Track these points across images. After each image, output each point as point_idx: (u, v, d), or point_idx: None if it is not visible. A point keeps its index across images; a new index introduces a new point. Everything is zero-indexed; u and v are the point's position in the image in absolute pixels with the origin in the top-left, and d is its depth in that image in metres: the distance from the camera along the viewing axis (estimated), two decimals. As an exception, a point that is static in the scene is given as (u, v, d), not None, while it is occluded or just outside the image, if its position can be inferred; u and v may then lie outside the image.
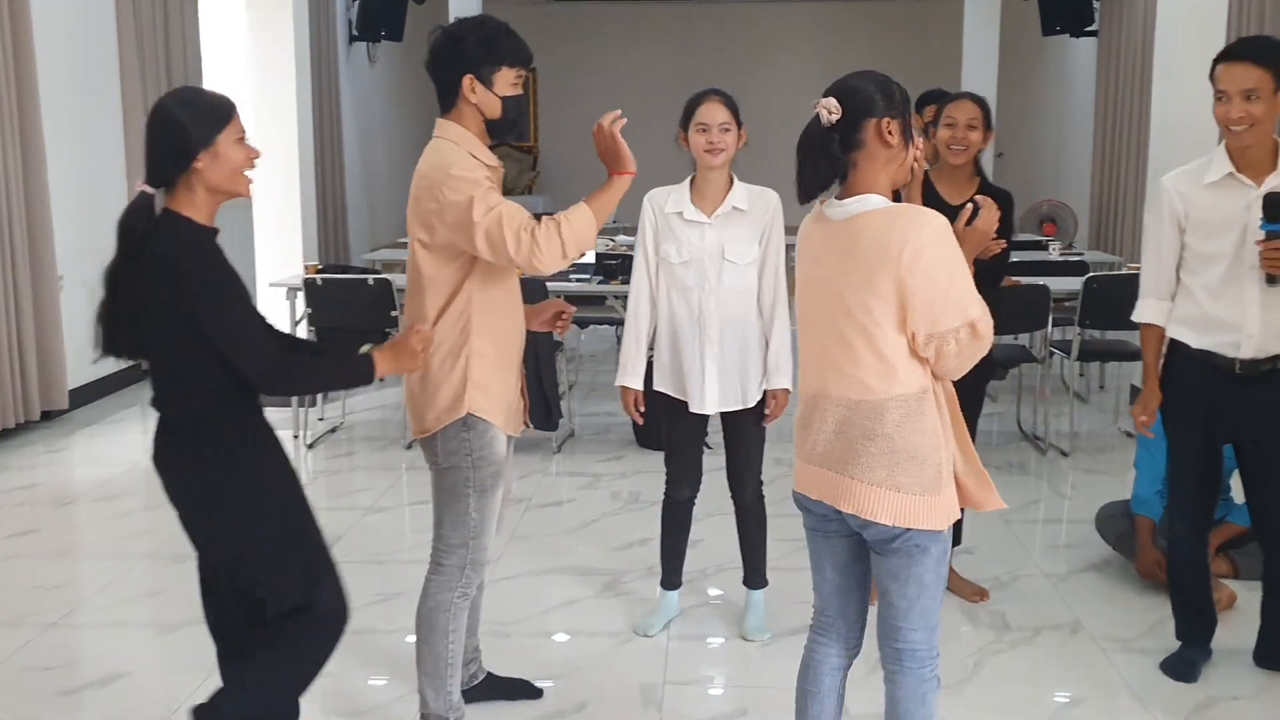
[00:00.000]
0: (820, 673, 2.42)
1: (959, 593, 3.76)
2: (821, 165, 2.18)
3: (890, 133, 2.17)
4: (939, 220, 2.13)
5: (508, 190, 16.81)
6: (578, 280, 5.91)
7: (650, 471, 5.19)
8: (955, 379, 2.24)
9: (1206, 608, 3.29)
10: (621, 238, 7.24)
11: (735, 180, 3.33)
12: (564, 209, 2.56)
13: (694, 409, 3.34)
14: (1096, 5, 11.06)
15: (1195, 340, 3.06)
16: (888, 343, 2.15)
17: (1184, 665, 3.25)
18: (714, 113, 3.24)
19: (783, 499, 4.85)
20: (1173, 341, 3.12)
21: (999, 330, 6.08)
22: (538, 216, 2.55)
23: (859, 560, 2.35)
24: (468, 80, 2.56)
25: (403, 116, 13.17)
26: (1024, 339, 6.39)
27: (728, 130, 3.23)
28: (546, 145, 16.26)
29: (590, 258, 6.09)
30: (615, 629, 3.57)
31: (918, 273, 2.10)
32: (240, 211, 5.88)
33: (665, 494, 3.54)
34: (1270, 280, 2.92)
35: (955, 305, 2.13)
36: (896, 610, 2.27)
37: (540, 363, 5.40)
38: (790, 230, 3.21)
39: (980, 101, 3.55)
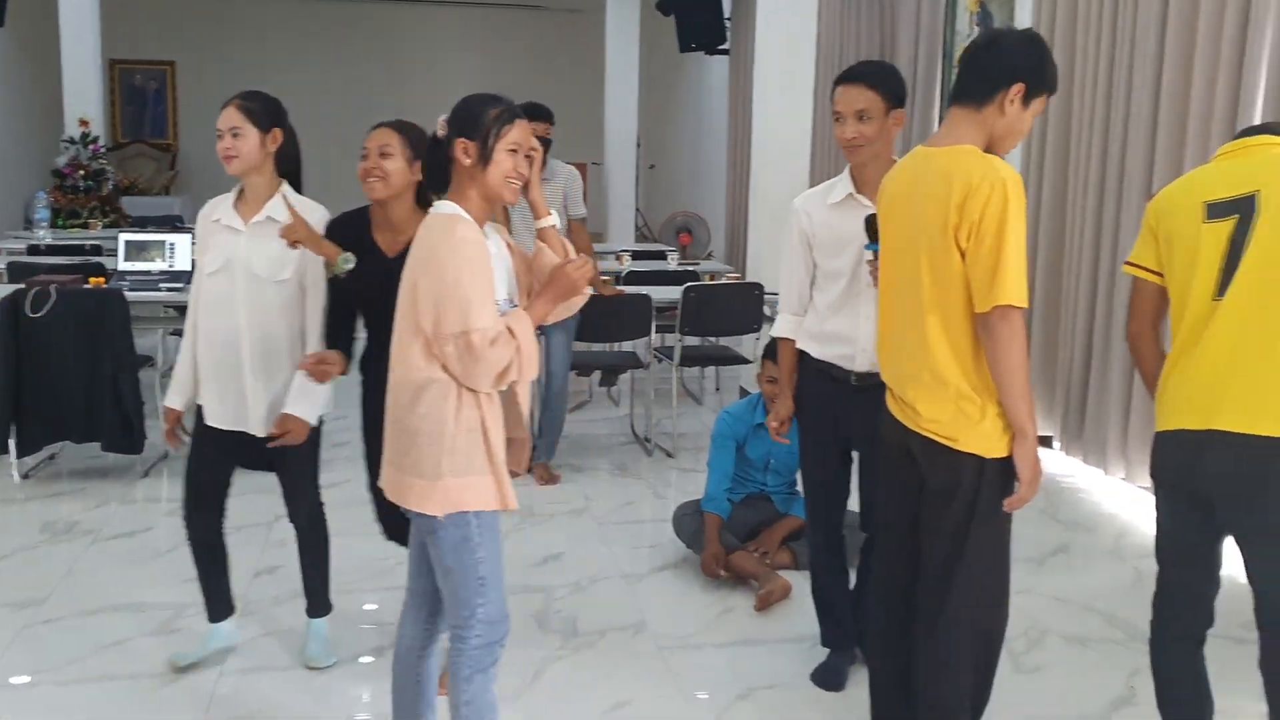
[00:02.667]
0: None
1: None
2: (430, 171, 2.47)
3: (466, 153, 2.33)
4: (463, 229, 2.28)
5: (141, 191, 15.56)
6: (168, 289, 5.53)
7: (249, 493, 4.90)
8: (479, 387, 2.30)
9: (846, 612, 3.32)
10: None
11: (284, 189, 3.13)
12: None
13: (243, 428, 3.15)
14: (729, 24, 11.63)
15: (817, 352, 3.13)
16: (412, 332, 2.31)
17: (831, 674, 3.31)
18: (223, 118, 3.06)
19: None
20: (801, 353, 3.19)
21: (604, 337, 6.05)
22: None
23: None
24: None
25: (13, 104, 12.00)
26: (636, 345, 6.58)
27: (237, 135, 3.03)
28: (187, 143, 15.33)
29: (186, 264, 5.71)
30: (160, 670, 3.32)
31: (429, 271, 2.27)
32: None
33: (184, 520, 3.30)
34: None
35: (457, 312, 2.23)
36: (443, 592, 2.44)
37: (120, 381, 5.02)
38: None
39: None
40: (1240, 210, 2.37)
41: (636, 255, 7.87)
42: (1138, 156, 5.08)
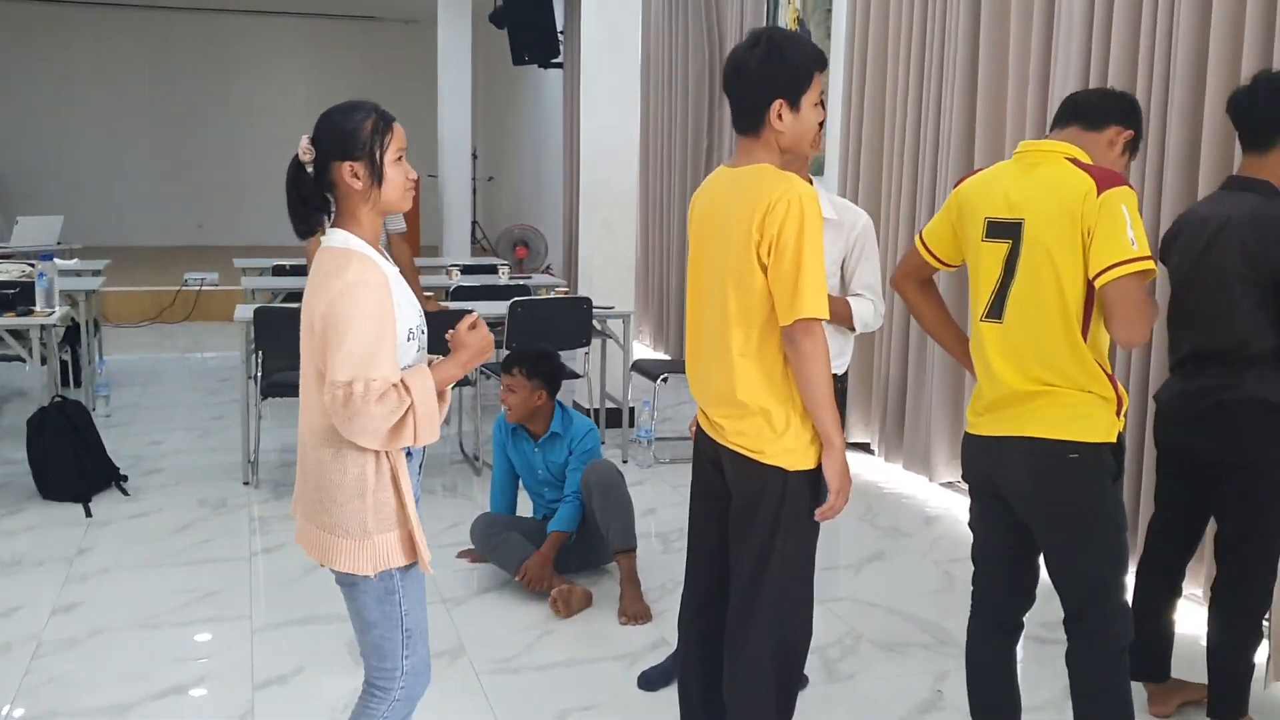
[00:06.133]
0: None
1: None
2: (296, 202, 2.21)
3: (356, 176, 2.18)
4: (357, 269, 2.13)
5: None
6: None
7: (47, 525, 4.67)
8: (363, 444, 2.14)
9: None
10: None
11: None
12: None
13: None
14: (562, 37, 11.63)
15: None
16: (317, 384, 2.16)
17: (655, 674, 3.40)
18: None
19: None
20: None
21: (429, 353, 5.76)
22: None
23: None
24: None
25: None
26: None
27: None
28: (-1, 161, 14.57)
29: (-15, 288, 5.39)
30: (-64, 721, 3.10)
31: (319, 312, 2.12)
32: None
33: None
34: None
35: (344, 360, 2.08)
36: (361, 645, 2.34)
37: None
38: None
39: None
40: (1012, 236, 2.49)
41: (466, 269, 7.77)
42: (951, 164, 5.21)
